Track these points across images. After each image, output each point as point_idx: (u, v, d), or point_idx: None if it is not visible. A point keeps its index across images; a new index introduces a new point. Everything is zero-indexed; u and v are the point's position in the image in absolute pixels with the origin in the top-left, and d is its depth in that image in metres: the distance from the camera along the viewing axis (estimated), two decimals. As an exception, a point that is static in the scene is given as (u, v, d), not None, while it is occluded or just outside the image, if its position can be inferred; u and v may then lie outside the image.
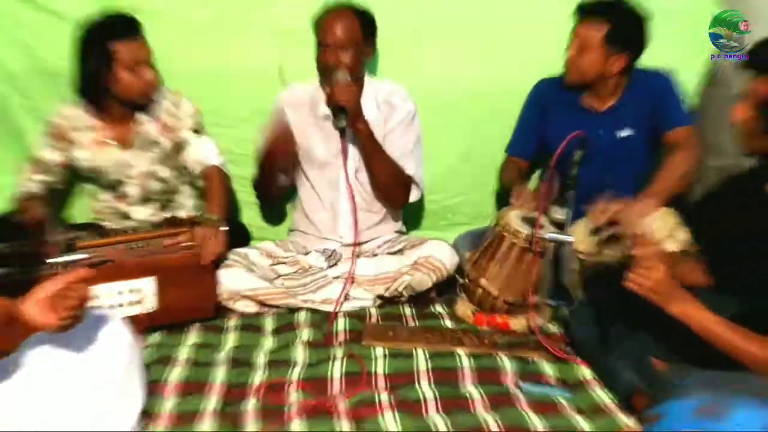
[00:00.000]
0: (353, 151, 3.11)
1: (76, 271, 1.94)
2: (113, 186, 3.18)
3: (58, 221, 2.74)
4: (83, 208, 3.38)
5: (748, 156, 2.24)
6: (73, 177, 3.25)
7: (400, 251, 3.13)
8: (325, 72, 3.01)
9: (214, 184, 2.99)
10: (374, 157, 3.06)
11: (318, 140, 3.17)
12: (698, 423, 1.51)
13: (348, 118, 2.96)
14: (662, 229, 2.64)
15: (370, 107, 3.07)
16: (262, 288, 2.95)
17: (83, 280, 1.91)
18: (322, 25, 3.00)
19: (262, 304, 2.97)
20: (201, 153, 3.08)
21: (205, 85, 3.31)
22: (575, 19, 3.01)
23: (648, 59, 3.08)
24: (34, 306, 1.83)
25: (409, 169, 3.14)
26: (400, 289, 3.01)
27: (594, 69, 3.03)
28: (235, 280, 2.93)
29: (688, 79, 3.29)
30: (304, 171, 3.25)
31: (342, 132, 3.02)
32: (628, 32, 2.99)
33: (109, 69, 2.93)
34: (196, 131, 3.11)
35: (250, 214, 3.51)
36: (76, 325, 1.91)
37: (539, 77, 3.29)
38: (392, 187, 3.15)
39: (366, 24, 3.04)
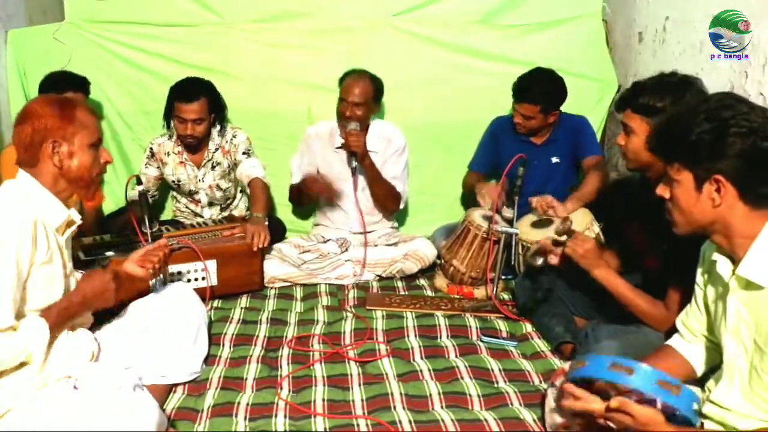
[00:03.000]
0: (360, 178, 3.03)
1: (158, 242, 2.08)
2: (189, 193, 3.14)
3: (151, 218, 2.64)
4: (169, 208, 3.37)
5: (632, 170, 2.12)
6: (163, 186, 3.24)
7: (394, 244, 3.06)
8: (342, 119, 2.93)
9: (257, 191, 2.89)
10: (375, 181, 2.98)
11: (335, 161, 3.08)
12: (612, 374, 1.40)
13: (357, 158, 2.90)
14: (581, 223, 2.59)
15: (374, 141, 2.99)
16: (293, 273, 2.88)
17: (162, 247, 2.04)
18: (344, 84, 2.93)
19: (293, 283, 2.89)
20: (248, 169, 2.98)
21: (256, 121, 3.31)
22: (514, 97, 2.91)
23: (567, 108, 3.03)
24: (131, 262, 1.95)
25: (399, 187, 3.05)
26: (394, 272, 2.95)
27: (539, 126, 2.93)
28: (273, 269, 2.85)
29: (596, 117, 3.26)
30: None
31: (353, 170, 2.96)
32: (554, 101, 2.90)
33: (172, 118, 2.96)
34: (246, 153, 3.03)
35: (284, 213, 3.42)
36: (159, 274, 2.05)
37: (492, 116, 3.19)
38: (386, 201, 3.06)
39: (377, 89, 2.97)
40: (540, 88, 2.83)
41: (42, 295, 1.64)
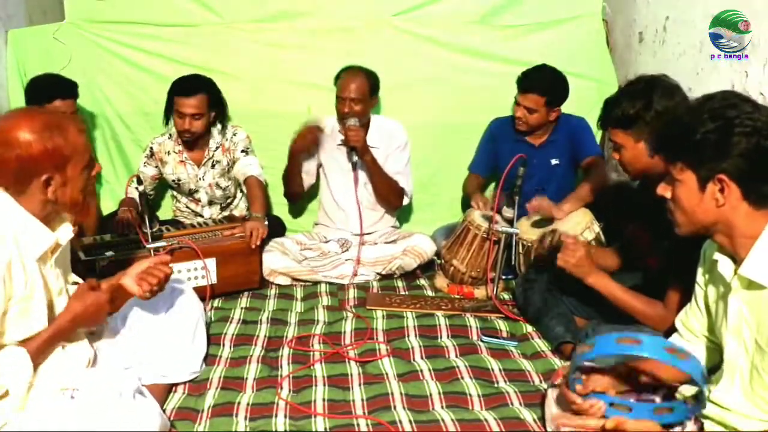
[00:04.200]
0: (361, 173, 3.04)
1: (160, 256, 1.91)
2: (189, 192, 3.13)
3: (152, 218, 2.62)
4: (167, 208, 3.37)
5: (634, 179, 2.17)
6: (161, 186, 3.25)
7: (393, 241, 3.05)
8: (341, 116, 2.94)
9: (254, 190, 2.90)
10: (377, 176, 2.98)
11: (337, 157, 3.08)
12: (621, 347, 1.40)
13: (358, 153, 2.91)
14: (581, 222, 2.60)
15: (375, 137, 3.00)
16: (293, 267, 2.88)
17: (164, 263, 1.86)
18: (340, 82, 2.94)
19: (293, 278, 2.89)
20: (244, 167, 2.99)
21: (256, 121, 3.29)
22: (519, 89, 2.90)
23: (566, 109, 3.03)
24: (131, 280, 1.80)
25: (402, 183, 3.06)
26: (393, 269, 2.94)
27: (541, 122, 2.92)
28: (274, 261, 2.85)
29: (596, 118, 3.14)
30: (326, 180, 3.15)
31: (353, 164, 2.97)
32: (558, 96, 2.90)
33: (171, 114, 2.94)
34: (244, 151, 3.03)
35: (284, 212, 3.40)
36: (158, 294, 1.85)
37: (492, 117, 3.19)
38: (389, 196, 3.06)
39: (372, 83, 2.97)
40: (547, 80, 2.85)
41: (23, 327, 1.56)
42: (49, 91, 2.79)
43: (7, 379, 1.51)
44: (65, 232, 1.67)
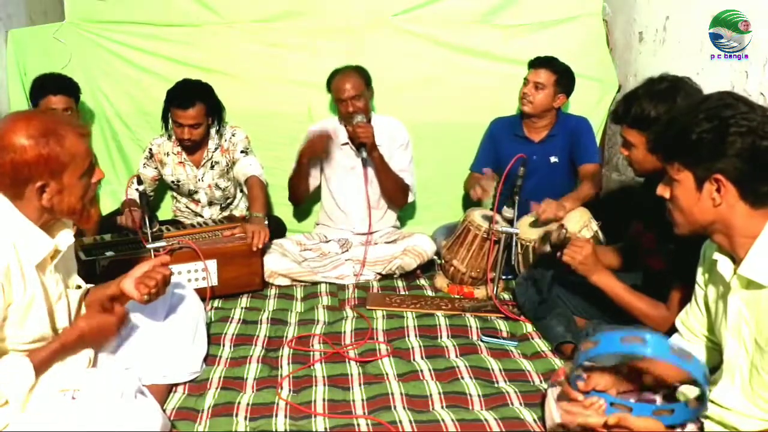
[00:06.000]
0: (369, 171, 3.05)
1: (159, 258, 1.89)
2: (189, 193, 3.14)
3: (151, 218, 2.63)
4: (167, 208, 3.37)
5: (639, 176, 2.12)
6: (161, 186, 3.25)
7: (394, 241, 3.06)
8: (346, 117, 2.96)
9: (255, 190, 2.90)
10: (384, 173, 3.00)
11: (340, 158, 3.10)
12: (625, 346, 1.40)
13: (367, 150, 2.92)
14: (579, 221, 2.61)
15: (378, 136, 3.01)
16: (293, 268, 2.89)
17: (164, 265, 1.84)
18: (334, 86, 2.98)
19: (293, 280, 2.90)
20: (245, 167, 2.99)
21: (256, 121, 3.30)
22: (531, 69, 2.94)
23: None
24: (130, 280, 1.79)
25: (407, 180, 3.08)
26: (393, 269, 2.94)
27: (546, 103, 2.93)
28: (274, 263, 2.86)
29: (596, 117, 3.24)
30: (327, 182, 3.16)
31: (363, 161, 2.99)
32: (567, 82, 2.95)
33: (169, 119, 2.96)
34: (244, 152, 3.02)
35: (284, 213, 3.40)
36: (157, 298, 1.82)
37: (492, 117, 3.20)
38: (396, 193, 3.08)
39: (365, 76, 3.00)
40: (560, 63, 2.92)
41: (23, 332, 1.55)
42: (44, 87, 2.84)
43: (7, 388, 1.49)
44: (65, 238, 1.63)
